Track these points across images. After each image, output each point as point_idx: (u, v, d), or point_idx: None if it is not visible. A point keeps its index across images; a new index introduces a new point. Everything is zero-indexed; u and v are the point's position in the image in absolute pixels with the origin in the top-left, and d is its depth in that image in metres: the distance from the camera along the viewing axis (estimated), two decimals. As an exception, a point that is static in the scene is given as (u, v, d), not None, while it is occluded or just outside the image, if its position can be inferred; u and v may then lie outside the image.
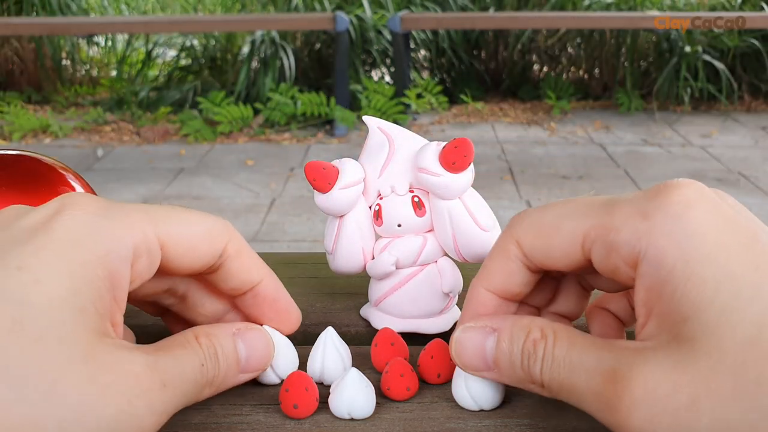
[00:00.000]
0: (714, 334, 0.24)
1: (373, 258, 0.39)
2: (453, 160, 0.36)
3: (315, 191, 0.38)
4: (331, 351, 0.34)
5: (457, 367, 0.33)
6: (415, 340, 0.38)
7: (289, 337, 0.35)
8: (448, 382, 0.34)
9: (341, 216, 0.39)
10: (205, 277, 0.33)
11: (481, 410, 0.32)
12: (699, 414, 0.23)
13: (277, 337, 0.35)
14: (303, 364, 0.35)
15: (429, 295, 0.39)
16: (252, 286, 0.33)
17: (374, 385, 0.33)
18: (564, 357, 0.27)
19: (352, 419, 0.32)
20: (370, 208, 0.39)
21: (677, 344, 0.25)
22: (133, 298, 0.32)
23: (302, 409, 0.31)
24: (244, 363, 0.31)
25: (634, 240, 0.26)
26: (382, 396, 0.33)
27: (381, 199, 0.39)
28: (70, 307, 0.25)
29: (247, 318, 0.34)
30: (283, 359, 0.34)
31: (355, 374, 0.32)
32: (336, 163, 0.38)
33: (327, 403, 0.32)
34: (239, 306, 0.34)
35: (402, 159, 0.38)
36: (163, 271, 0.30)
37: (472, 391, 0.32)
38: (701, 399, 0.23)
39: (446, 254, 0.39)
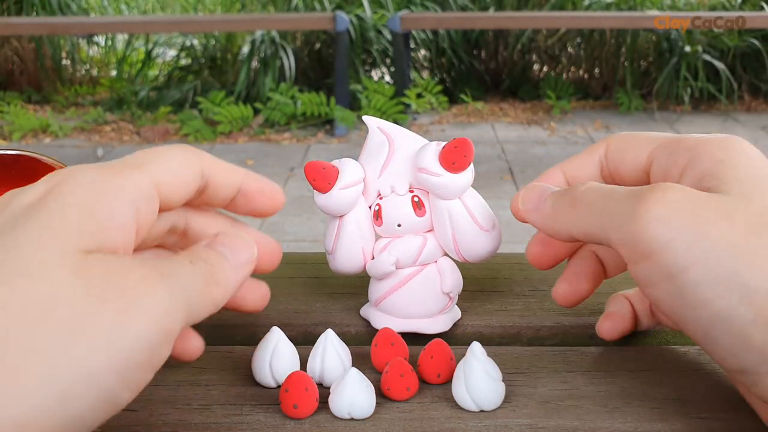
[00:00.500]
0: (746, 198, 0.28)
1: (373, 258, 0.39)
2: (453, 160, 0.36)
3: (315, 191, 0.38)
4: (330, 352, 0.34)
5: (457, 368, 0.33)
6: (415, 340, 0.38)
7: (289, 337, 0.35)
8: (448, 382, 0.34)
9: (341, 216, 0.39)
10: (198, 201, 0.33)
11: (481, 411, 0.32)
12: (714, 226, 0.26)
13: (277, 337, 0.35)
14: (303, 365, 0.35)
15: (429, 295, 0.39)
16: (238, 186, 0.34)
17: (374, 385, 0.33)
18: (603, 186, 0.31)
19: (352, 419, 0.32)
20: (369, 208, 0.39)
21: (715, 193, 0.28)
22: (144, 249, 0.34)
23: (302, 409, 0.31)
24: (231, 256, 0.30)
25: (692, 148, 0.31)
26: (382, 396, 0.33)
27: (381, 199, 0.39)
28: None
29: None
30: (284, 359, 0.34)
31: (355, 374, 0.32)
32: (336, 163, 0.38)
33: (327, 403, 0.32)
34: (237, 211, 0.35)
35: (402, 159, 0.38)
36: (161, 209, 0.31)
37: (472, 391, 0.32)
38: (720, 219, 0.27)
39: (446, 254, 0.39)
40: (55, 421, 0.23)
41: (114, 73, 4.73)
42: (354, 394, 0.31)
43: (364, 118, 0.40)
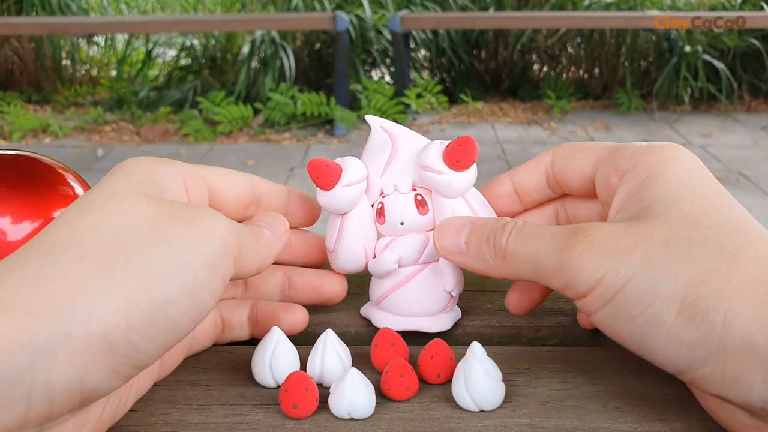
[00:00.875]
0: (663, 214, 0.31)
1: (375, 257, 0.39)
2: (457, 158, 0.36)
3: (317, 189, 0.38)
4: (330, 352, 0.34)
5: (457, 368, 0.33)
6: (415, 340, 0.38)
7: (289, 337, 0.35)
8: (448, 382, 0.34)
9: (343, 214, 0.39)
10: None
11: (481, 411, 0.32)
12: (634, 252, 0.29)
13: (277, 337, 0.35)
14: (303, 365, 0.35)
15: (431, 294, 0.39)
16: (285, 203, 0.39)
17: (374, 385, 0.33)
18: (531, 228, 0.33)
19: (352, 419, 0.32)
20: (372, 206, 0.39)
21: (635, 219, 0.31)
22: None
23: (302, 409, 0.31)
24: (270, 228, 0.35)
25: (631, 158, 0.34)
26: (382, 396, 0.33)
27: (383, 197, 0.39)
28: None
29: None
30: (284, 359, 0.34)
31: (355, 374, 0.32)
32: (339, 161, 0.38)
33: (327, 403, 0.32)
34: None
35: (405, 157, 0.38)
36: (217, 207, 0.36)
37: (472, 391, 0.32)
38: (640, 243, 0.29)
39: None
40: (156, 317, 0.27)
41: (114, 73, 4.72)
42: (354, 394, 0.31)
43: (367, 117, 0.40)
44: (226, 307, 0.38)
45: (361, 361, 0.36)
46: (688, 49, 4.03)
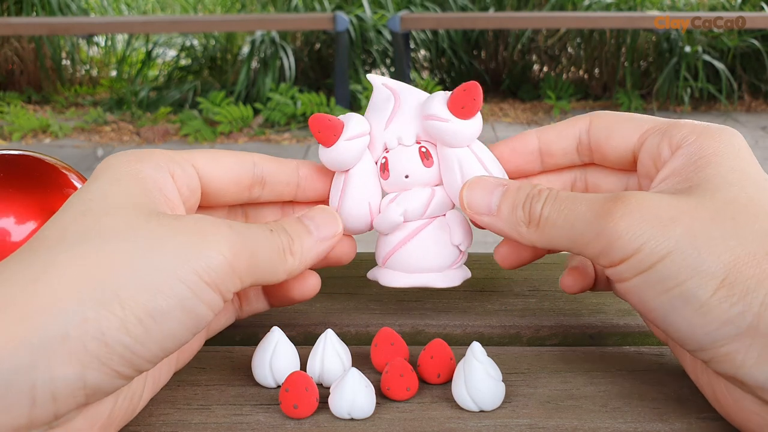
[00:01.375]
0: (710, 194, 0.30)
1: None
2: (462, 103, 0.36)
3: (320, 146, 0.37)
4: (330, 352, 0.34)
5: (457, 368, 0.33)
6: (415, 340, 0.38)
7: (289, 337, 0.35)
8: (448, 382, 0.34)
9: (346, 171, 0.38)
10: (266, 196, 0.38)
11: (481, 411, 0.32)
12: (678, 224, 0.29)
13: (277, 337, 0.35)
14: (303, 365, 0.35)
15: (439, 249, 0.38)
16: (296, 176, 0.38)
17: (374, 385, 0.33)
18: (565, 195, 0.32)
19: (352, 419, 0.32)
20: (376, 163, 0.38)
21: (680, 194, 0.30)
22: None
23: (302, 410, 0.31)
24: (315, 230, 0.34)
25: (687, 134, 0.33)
26: (382, 396, 0.33)
27: (387, 152, 0.38)
28: (125, 200, 0.30)
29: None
30: (284, 359, 0.34)
31: (355, 374, 0.32)
32: (341, 117, 0.38)
33: (327, 403, 0.32)
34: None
35: (408, 110, 0.38)
36: (216, 189, 0.36)
37: (472, 391, 0.32)
38: (683, 216, 0.29)
39: (455, 207, 0.38)
40: (150, 333, 0.27)
41: (114, 73, 4.72)
42: (354, 394, 0.31)
43: (369, 76, 0.39)
44: None
45: (361, 361, 0.36)
46: (688, 49, 4.03)
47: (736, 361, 0.28)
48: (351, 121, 0.37)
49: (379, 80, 0.39)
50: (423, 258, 0.38)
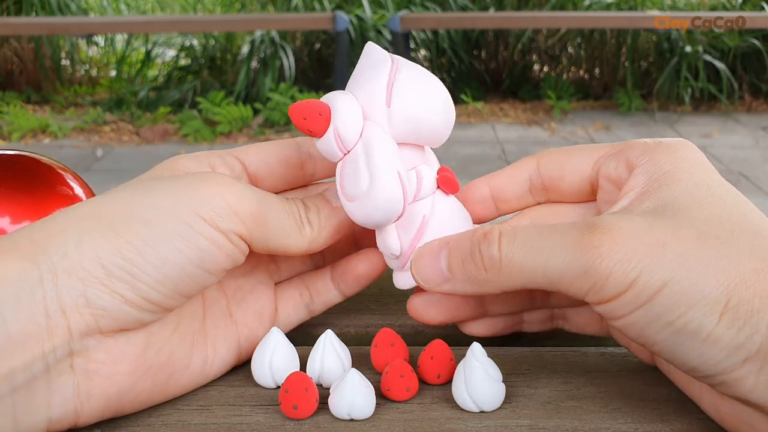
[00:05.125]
0: (685, 214, 0.29)
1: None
2: (308, 128, 0.32)
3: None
4: (330, 353, 0.34)
5: (457, 368, 0.33)
6: (416, 340, 0.38)
7: (289, 337, 0.35)
8: (448, 382, 0.34)
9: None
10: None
11: (482, 411, 0.32)
12: (668, 250, 0.27)
13: (277, 337, 0.35)
14: (303, 365, 0.35)
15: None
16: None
17: (374, 386, 0.32)
18: (526, 230, 0.30)
19: (351, 420, 0.32)
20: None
21: (655, 215, 0.29)
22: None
23: (302, 410, 0.31)
24: (333, 198, 0.35)
25: (642, 153, 0.32)
26: (382, 397, 0.33)
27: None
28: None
29: None
30: (283, 360, 0.34)
31: (355, 375, 0.32)
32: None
33: (327, 403, 0.32)
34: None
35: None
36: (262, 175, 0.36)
37: (473, 392, 0.32)
38: (670, 240, 0.27)
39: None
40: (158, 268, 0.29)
41: (113, 73, 4.72)
42: (354, 395, 0.31)
43: (368, 44, 0.35)
44: (306, 278, 0.38)
45: (361, 361, 0.36)
46: (688, 49, 4.03)
47: (747, 385, 0.27)
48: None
49: (373, 45, 0.34)
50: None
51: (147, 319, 0.30)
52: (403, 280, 0.35)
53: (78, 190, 0.42)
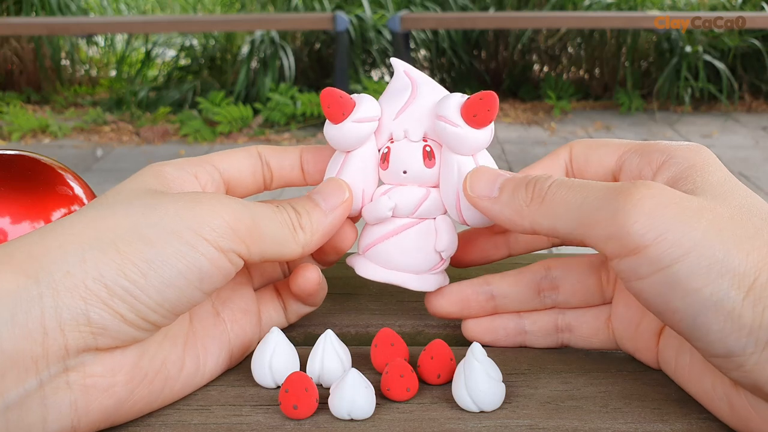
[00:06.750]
0: (720, 197, 0.29)
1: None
2: (474, 111, 0.35)
3: (327, 121, 0.37)
4: (330, 353, 0.34)
5: (457, 368, 0.33)
6: (416, 340, 0.38)
7: (289, 337, 0.35)
8: (448, 382, 0.34)
9: (348, 152, 0.37)
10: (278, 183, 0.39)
11: (482, 411, 0.32)
12: (702, 217, 0.27)
13: (277, 337, 0.35)
14: (303, 365, 0.35)
15: (420, 250, 0.37)
16: (298, 162, 0.39)
17: (374, 386, 0.32)
18: (578, 181, 0.31)
19: (351, 420, 0.32)
20: (379, 151, 0.37)
21: (690, 194, 0.29)
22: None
23: (302, 410, 0.31)
24: (323, 201, 0.35)
25: (665, 151, 0.33)
26: (382, 397, 0.33)
27: (392, 142, 0.37)
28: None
29: None
30: (283, 360, 0.34)
31: (355, 375, 0.32)
32: (355, 96, 0.37)
33: (327, 403, 0.32)
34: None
35: (422, 105, 0.37)
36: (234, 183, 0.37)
37: (473, 392, 0.32)
38: (705, 211, 0.28)
39: (446, 213, 0.37)
40: (154, 286, 0.29)
41: (113, 73, 4.72)
42: (354, 395, 0.31)
43: (392, 60, 0.39)
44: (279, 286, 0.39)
45: (361, 361, 0.36)
46: (688, 49, 4.03)
47: (766, 371, 0.26)
48: (363, 102, 0.36)
49: (401, 66, 0.38)
50: (402, 257, 0.37)
51: (141, 337, 0.30)
52: (363, 268, 0.38)
53: (78, 190, 0.42)
